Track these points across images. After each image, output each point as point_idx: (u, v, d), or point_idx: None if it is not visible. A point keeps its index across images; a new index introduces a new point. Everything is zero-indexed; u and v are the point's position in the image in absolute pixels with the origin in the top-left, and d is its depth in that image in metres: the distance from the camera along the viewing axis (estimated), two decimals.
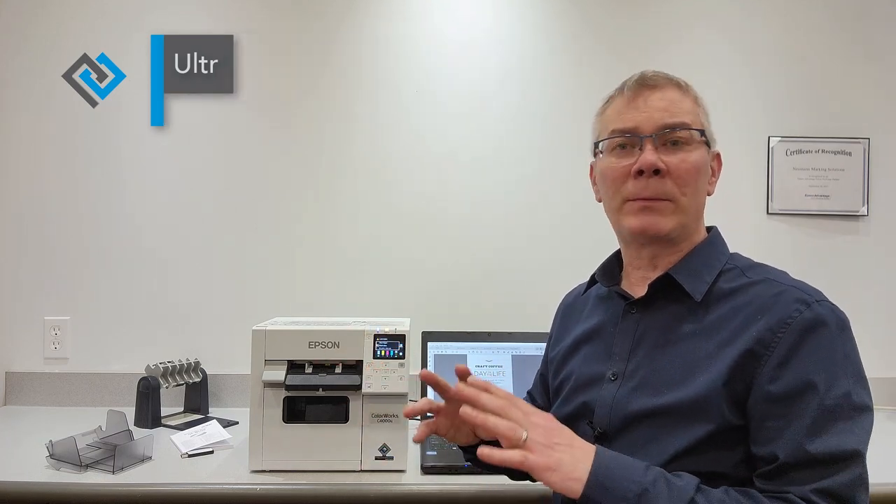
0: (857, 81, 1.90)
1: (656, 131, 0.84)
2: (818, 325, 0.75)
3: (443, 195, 1.87)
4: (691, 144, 0.85)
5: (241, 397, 1.78)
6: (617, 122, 0.88)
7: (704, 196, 0.89)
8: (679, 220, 0.85)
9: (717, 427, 0.75)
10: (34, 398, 1.81)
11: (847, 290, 1.87)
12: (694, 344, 0.81)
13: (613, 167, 0.88)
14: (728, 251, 0.91)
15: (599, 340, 0.93)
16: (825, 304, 0.77)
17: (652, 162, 0.83)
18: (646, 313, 0.88)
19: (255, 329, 1.29)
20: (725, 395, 0.75)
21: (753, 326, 0.77)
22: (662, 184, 0.84)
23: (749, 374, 0.75)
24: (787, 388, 0.73)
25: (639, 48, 1.87)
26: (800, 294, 0.78)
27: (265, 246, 1.86)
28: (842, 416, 0.72)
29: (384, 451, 1.28)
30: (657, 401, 0.80)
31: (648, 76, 0.87)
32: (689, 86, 0.90)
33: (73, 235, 1.84)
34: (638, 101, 0.86)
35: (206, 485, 1.21)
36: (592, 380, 0.89)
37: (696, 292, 0.83)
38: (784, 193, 1.89)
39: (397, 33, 1.86)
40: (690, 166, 0.84)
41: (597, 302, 0.99)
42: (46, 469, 1.27)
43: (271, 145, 1.87)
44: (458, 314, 1.80)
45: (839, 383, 0.73)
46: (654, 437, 0.78)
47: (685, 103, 0.87)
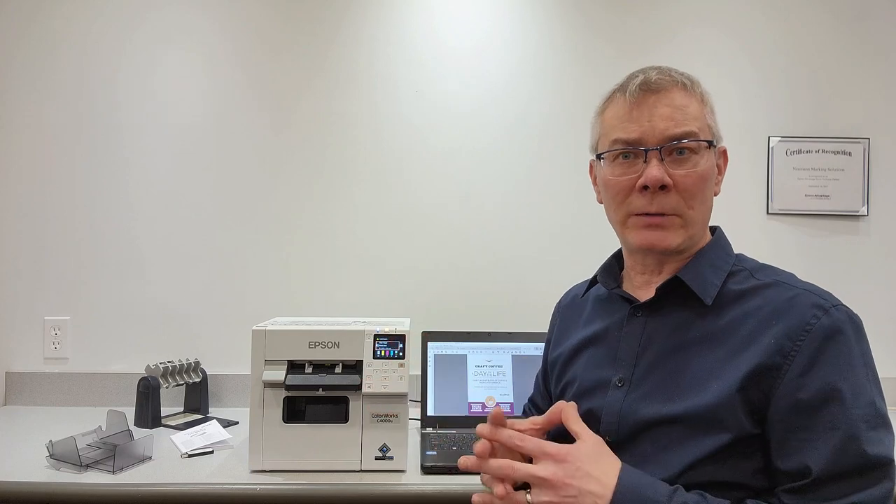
0: (857, 81, 1.90)
1: (661, 143, 0.80)
2: (837, 331, 0.73)
3: (443, 195, 1.87)
4: (698, 153, 0.82)
5: (241, 397, 1.79)
6: (619, 130, 0.83)
7: (711, 201, 0.86)
8: (687, 234, 0.83)
9: (735, 436, 0.72)
10: (34, 398, 1.81)
11: (847, 290, 1.85)
12: (705, 349, 0.78)
13: (617, 180, 0.84)
14: (733, 252, 0.88)
15: (603, 345, 0.89)
16: (842, 308, 0.76)
17: (658, 178, 0.79)
18: (652, 317, 0.85)
19: (255, 329, 1.29)
20: (741, 404, 0.73)
21: (769, 332, 0.75)
22: (668, 199, 0.80)
23: (768, 383, 0.73)
24: (812, 397, 0.71)
25: (639, 47, 1.87)
26: (815, 299, 0.76)
27: (265, 246, 1.87)
28: (871, 426, 0.71)
29: (384, 451, 1.28)
30: (669, 409, 0.77)
31: (652, 80, 0.82)
32: (695, 82, 0.85)
33: (73, 235, 1.84)
34: (642, 109, 0.81)
35: (206, 485, 1.21)
36: (597, 385, 0.86)
37: (706, 296, 0.81)
38: (784, 193, 1.89)
39: (397, 33, 1.86)
40: (697, 178, 0.81)
41: (597, 304, 0.96)
42: (46, 469, 1.27)
43: (271, 145, 1.87)
44: (458, 314, 1.80)
45: (864, 392, 0.72)
46: (667, 446, 0.76)
47: (691, 107, 0.82)
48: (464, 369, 1.61)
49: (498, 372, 1.62)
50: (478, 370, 1.61)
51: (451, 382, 1.59)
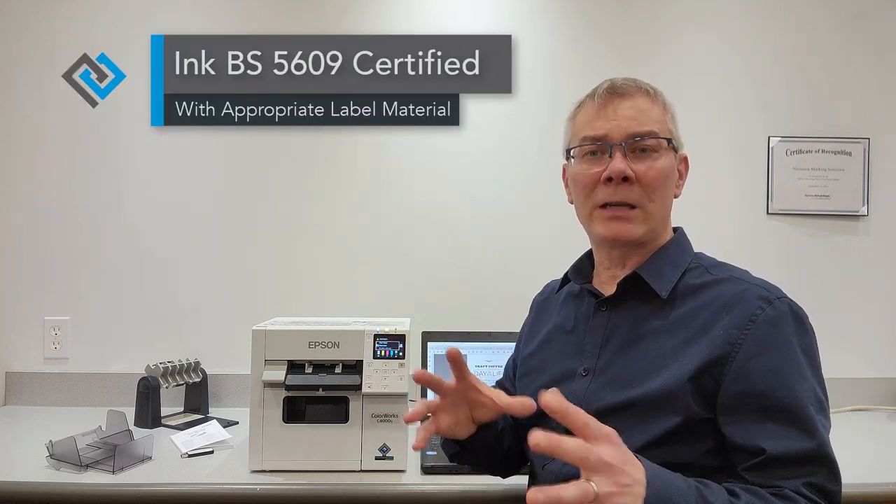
0: (857, 81, 1.89)
1: (625, 139, 0.88)
2: (780, 321, 0.79)
3: (443, 195, 1.87)
4: (659, 152, 0.89)
5: (241, 397, 1.78)
6: (587, 129, 0.91)
7: (671, 200, 0.93)
8: (648, 226, 0.89)
9: (684, 419, 0.78)
10: (34, 398, 1.81)
11: (847, 289, 1.88)
12: (660, 339, 0.84)
13: (584, 174, 0.91)
14: (692, 250, 0.95)
15: (571, 337, 0.96)
16: (785, 300, 0.82)
17: (621, 170, 0.86)
18: (615, 311, 0.91)
19: (255, 329, 1.29)
20: (691, 389, 0.78)
21: (718, 323, 0.81)
22: (630, 191, 0.87)
23: (718, 371, 0.78)
24: (758, 382, 0.76)
25: (639, 49, 1.87)
26: (762, 292, 0.82)
27: (265, 246, 1.87)
28: (817, 410, 0.76)
29: (384, 451, 1.28)
30: (625, 395, 0.83)
31: (618, 84, 0.90)
32: (659, 92, 0.93)
33: (73, 235, 1.84)
34: (608, 110, 0.89)
35: (206, 485, 1.21)
36: (564, 376, 0.92)
37: (662, 290, 0.87)
38: (784, 193, 1.89)
39: (395, 32, 1.86)
40: (658, 173, 0.88)
41: (569, 299, 1.02)
42: (46, 469, 1.27)
43: (271, 145, 1.87)
44: (458, 314, 1.80)
45: (806, 378, 0.77)
46: (622, 430, 0.71)
47: (654, 111, 0.90)
48: None
49: (498, 372, 1.61)
50: (478, 370, 1.61)
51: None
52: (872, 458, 1.36)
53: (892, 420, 1.70)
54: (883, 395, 1.77)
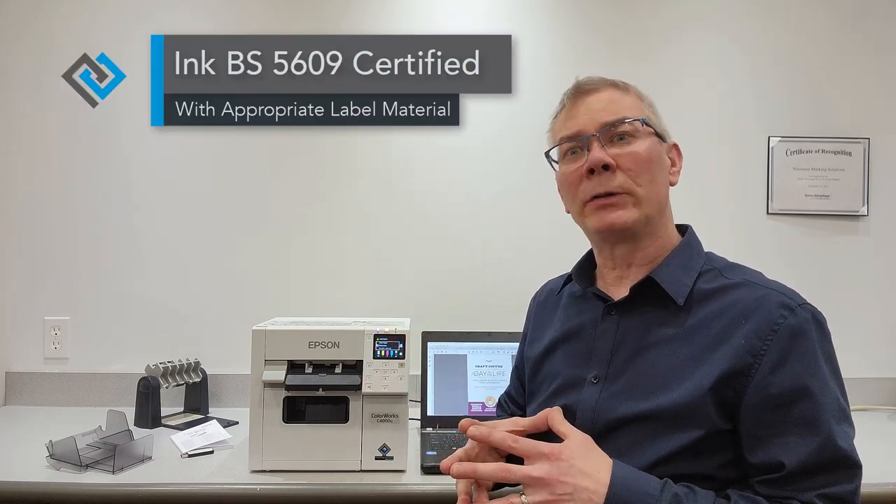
0: (857, 81, 1.90)
1: (598, 129, 0.86)
2: (803, 330, 0.76)
3: (443, 195, 1.87)
4: (637, 136, 0.87)
5: (241, 397, 1.78)
6: (562, 130, 0.91)
7: (665, 187, 0.90)
8: (641, 212, 0.85)
9: (706, 432, 0.75)
10: (34, 398, 1.81)
11: (847, 289, 1.88)
12: (675, 347, 0.81)
13: (567, 172, 0.90)
14: (703, 250, 0.91)
15: (579, 342, 0.92)
16: (807, 307, 0.78)
17: (599, 158, 0.84)
18: (625, 315, 0.88)
19: (255, 329, 1.29)
20: (712, 400, 0.76)
21: (739, 331, 0.77)
22: (614, 178, 0.85)
23: (740, 382, 0.75)
24: (782, 394, 0.74)
25: (639, 49, 1.87)
26: (782, 298, 0.79)
27: (265, 246, 1.87)
28: (838, 421, 0.74)
29: (384, 451, 1.28)
30: (644, 405, 0.79)
31: (583, 82, 0.91)
32: (629, 85, 0.92)
33: (73, 235, 1.84)
34: (578, 108, 0.89)
35: (206, 485, 1.21)
36: (573, 382, 0.89)
37: (678, 295, 0.84)
38: (784, 193, 1.89)
39: (395, 32, 1.86)
40: (639, 156, 0.85)
41: (572, 301, 0.99)
42: (46, 469, 1.27)
43: (271, 145, 1.87)
44: (458, 314, 1.80)
45: (829, 388, 0.75)
46: (639, 441, 0.78)
47: (625, 100, 0.89)
48: (464, 369, 1.61)
49: (498, 372, 1.62)
50: (478, 370, 1.62)
51: (451, 382, 1.59)
52: (873, 458, 1.37)
53: (893, 420, 1.70)
54: (883, 395, 1.78)
